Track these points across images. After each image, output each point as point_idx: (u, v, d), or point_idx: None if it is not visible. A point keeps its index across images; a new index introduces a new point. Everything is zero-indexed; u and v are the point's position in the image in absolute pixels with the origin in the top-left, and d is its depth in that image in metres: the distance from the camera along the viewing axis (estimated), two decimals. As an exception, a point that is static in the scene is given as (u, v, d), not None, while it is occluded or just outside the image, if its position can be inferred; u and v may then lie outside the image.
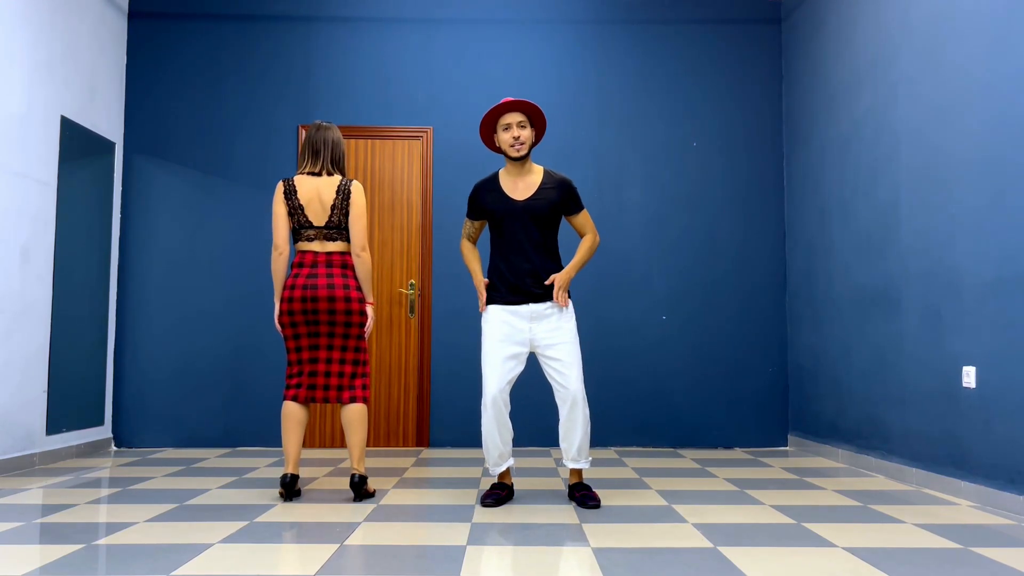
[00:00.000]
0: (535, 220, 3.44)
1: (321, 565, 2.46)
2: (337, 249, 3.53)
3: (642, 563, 2.49)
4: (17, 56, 4.35)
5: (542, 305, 3.42)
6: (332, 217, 3.50)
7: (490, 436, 3.39)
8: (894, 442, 4.17)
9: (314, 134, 3.59)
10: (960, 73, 3.68)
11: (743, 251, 5.54)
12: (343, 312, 3.46)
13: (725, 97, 5.62)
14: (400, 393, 5.37)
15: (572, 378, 3.37)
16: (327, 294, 3.44)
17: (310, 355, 3.52)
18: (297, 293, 3.44)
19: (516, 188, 3.48)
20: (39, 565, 2.45)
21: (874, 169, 4.40)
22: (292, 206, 3.50)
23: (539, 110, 3.46)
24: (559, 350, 3.38)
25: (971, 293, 3.57)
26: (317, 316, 3.45)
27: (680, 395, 5.44)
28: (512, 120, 3.42)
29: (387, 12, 5.59)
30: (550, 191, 3.47)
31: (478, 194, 3.52)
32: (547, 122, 3.60)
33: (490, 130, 3.52)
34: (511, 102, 3.43)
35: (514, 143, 3.41)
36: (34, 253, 4.48)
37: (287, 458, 3.48)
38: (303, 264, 3.49)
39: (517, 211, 3.43)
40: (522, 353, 3.42)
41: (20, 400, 4.35)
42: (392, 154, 5.49)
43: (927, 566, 2.47)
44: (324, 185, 3.52)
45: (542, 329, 3.41)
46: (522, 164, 3.48)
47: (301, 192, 3.50)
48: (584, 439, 3.41)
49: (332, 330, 3.49)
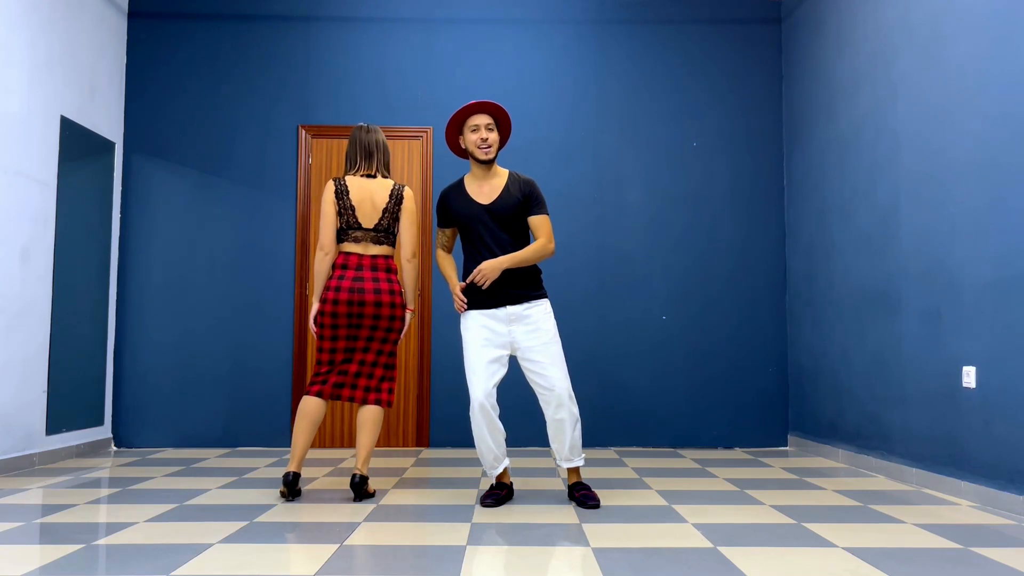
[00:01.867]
0: (501, 222, 3.41)
1: (321, 565, 2.46)
2: (382, 253, 3.52)
3: (642, 563, 2.49)
4: (17, 56, 4.35)
5: (519, 307, 3.39)
6: (382, 220, 3.50)
7: (482, 441, 3.37)
8: (894, 442, 4.17)
9: (364, 136, 3.57)
10: (960, 73, 3.68)
11: (743, 251, 5.54)
12: (387, 317, 3.46)
13: (725, 97, 5.62)
14: (400, 393, 5.37)
15: (556, 379, 3.33)
16: (374, 299, 3.43)
17: (344, 356, 3.51)
18: (343, 296, 3.42)
19: (481, 191, 3.45)
20: (39, 565, 2.45)
21: (874, 169, 4.40)
22: (343, 206, 3.48)
23: (506, 113, 3.45)
24: (539, 352, 3.35)
25: (971, 293, 3.57)
26: (362, 320, 3.44)
27: (680, 395, 5.44)
28: (480, 122, 3.41)
29: (387, 12, 5.59)
30: (515, 193, 3.44)
31: (445, 200, 3.49)
32: (512, 127, 3.58)
33: (455, 132, 3.49)
34: (479, 103, 3.41)
35: (482, 145, 3.40)
36: (34, 253, 4.48)
37: (293, 455, 3.46)
38: (347, 266, 3.47)
39: (483, 214, 3.41)
40: (503, 356, 3.39)
41: (20, 400, 4.35)
42: (392, 154, 5.48)
43: (927, 566, 2.47)
44: (378, 188, 3.51)
45: (521, 331, 3.37)
46: (488, 167, 3.46)
47: (353, 193, 3.48)
48: (575, 437, 3.38)
49: (372, 333, 3.48)
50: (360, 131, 3.59)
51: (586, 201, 5.49)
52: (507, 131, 3.51)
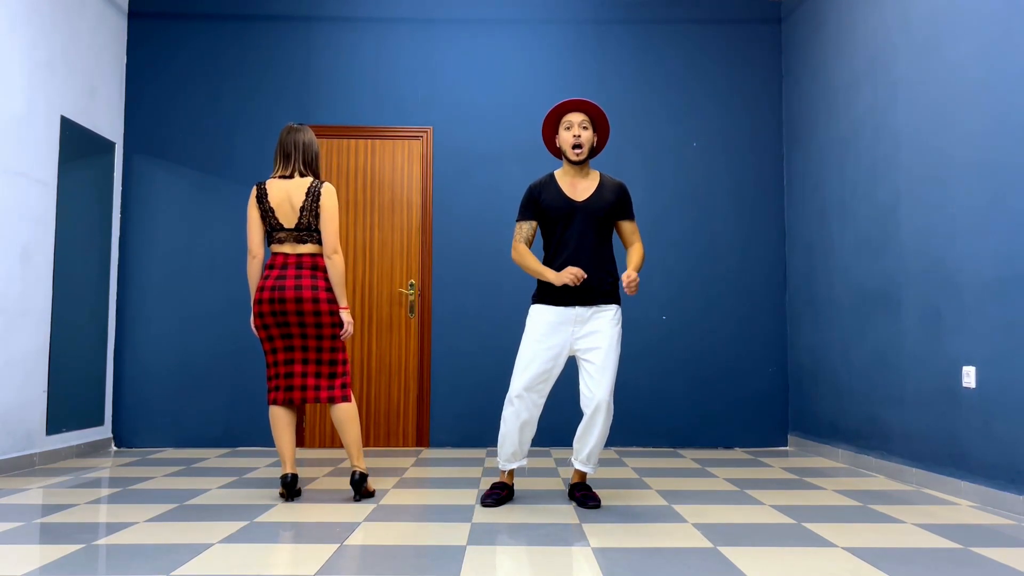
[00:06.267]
0: (592, 222, 3.37)
1: (321, 565, 2.46)
2: (308, 251, 3.52)
3: (642, 563, 2.49)
4: (17, 56, 4.35)
5: (589, 309, 3.36)
6: (301, 219, 3.49)
7: (509, 431, 3.37)
8: (894, 442, 4.17)
9: (285, 137, 3.58)
10: (960, 73, 3.68)
11: (743, 251, 5.54)
12: (312, 313, 3.45)
13: (725, 97, 5.62)
14: (400, 393, 5.37)
15: (602, 385, 3.29)
16: (294, 295, 3.43)
17: (285, 356, 3.52)
18: (266, 295, 3.44)
19: (575, 189, 3.42)
20: (39, 565, 2.45)
21: (874, 169, 4.41)
22: (264, 209, 3.50)
23: (603, 113, 3.40)
24: (597, 354, 3.32)
25: (971, 293, 3.57)
26: (287, 318, 3.45)
27: (680, 395, 5.43)
28: (574, 120, 3.37)
29: (387, 12, 5.59)
30: (608, 194, 3.41)
31: (536, 192, 3.43)
32: (610, 128, 3.47)
33: (552, 129, 3.46)
34: (574, 101, 3.38)
35: (574, 142, 3.36)
36: (34, 253, 4.48)
37: (283, 459, 3.49)
38: (274, 266, 3.50)
39: (575, 211, 3.37)
40: (560, 355, 3.35)
41: (20, 400, 4.35)
42: (392, 154, 5.48)
43: (927, 566, 2.47)
44: (294, 187, 3.51)
45: (585, 331, 3.35)
46: (580, 167, 3.43)
47: (272, 195, 3.50)
48: (598, 445, 3.37)
49: (304, 331, 3.48)
50: (283, 132, 3.60)
51: (586, 201, 5.49)
52: (605, 131, 3.47)
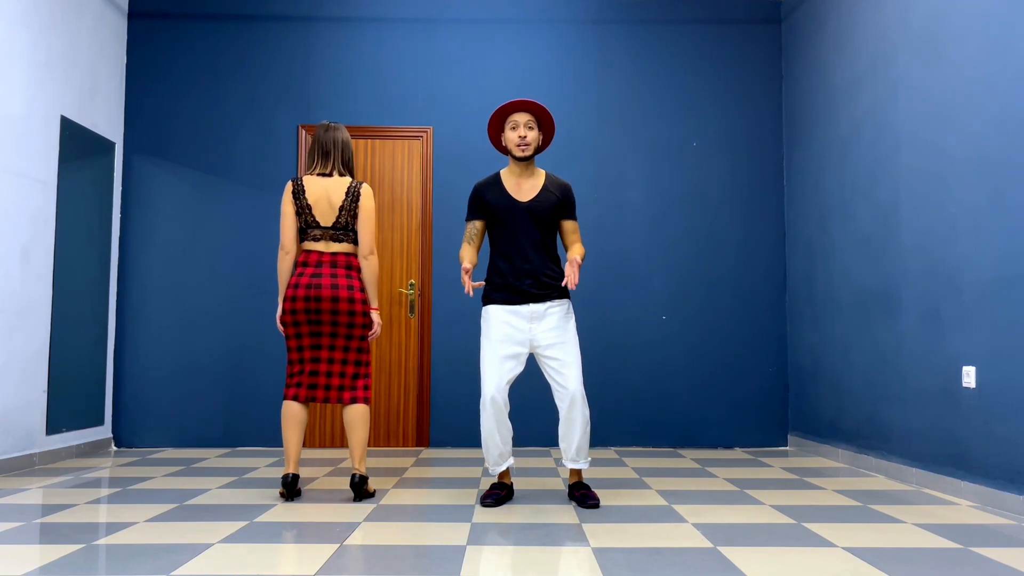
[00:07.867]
0: (537, 221, 3.44)
1: (321, 565, 2.46)
2: (343, 250, 3.53)
3: (642, 563, 2.49)
4: (17, 56, 4.35)
5: (542, 305, 3.42)
6: (340, 218, 3.50)
7: (489, 436, 3.39)
8: (894, 442, 4.17)
9: (323, 135, 3.58)
10: (960, 73, 3.68)
11: (743, 251, 5.54)
12: (346, 313, 3.46)
13: (725, 97, 5.62)
14: (400, 393, 5.37)
15: (571, 378, 3.36)
16: (331, 294, 3.43)
17: (311, 355, 3.51)
18: (300, 292, 3.43)
19: (519, 188, 3.48)
20: (39, 565, 2.45)
21: (874, 169, 4.41)
22: (300, 206, 3.49)
23: (548, 114, 3.46)
24: (558, 350, 3.38)
25: (971, 293, 3.57)
26: (320, 316, 3.45)
27: (680, 395, 5.44)
28: (520, 119, 3.44)
29: (387, 12, 5.59)
30: (552, 193, 3.49)
31: (480, 192, 3.51)
32: (555, 127, 3.59)
33: (498, 128, 3.53)
34: (520, 102, 3.44)
35: (520, 142, 3.43)
36: (34, 253, 4.48)
37: (287, 458, 3.48)
38: (307, 263, 3.49)
39: (520, 210, 3.44)
40: (521, 353, 3.42)
41: (20, 400, 4.35)
42: (392, 154, 5.49)
43: (927, 566, 2.47)
44: (333, 186, 3.51)
45: (542, 329, 3.41)
46: (526, 165, 3.49)
47: (310, 192, 3.50)
48: (583, 439, 3.40)
49: (335, 330, 3.48)
50: (320, 129, 3.60)
51: (586, 201, 5.49)
52: (550, 131, 3.53)
